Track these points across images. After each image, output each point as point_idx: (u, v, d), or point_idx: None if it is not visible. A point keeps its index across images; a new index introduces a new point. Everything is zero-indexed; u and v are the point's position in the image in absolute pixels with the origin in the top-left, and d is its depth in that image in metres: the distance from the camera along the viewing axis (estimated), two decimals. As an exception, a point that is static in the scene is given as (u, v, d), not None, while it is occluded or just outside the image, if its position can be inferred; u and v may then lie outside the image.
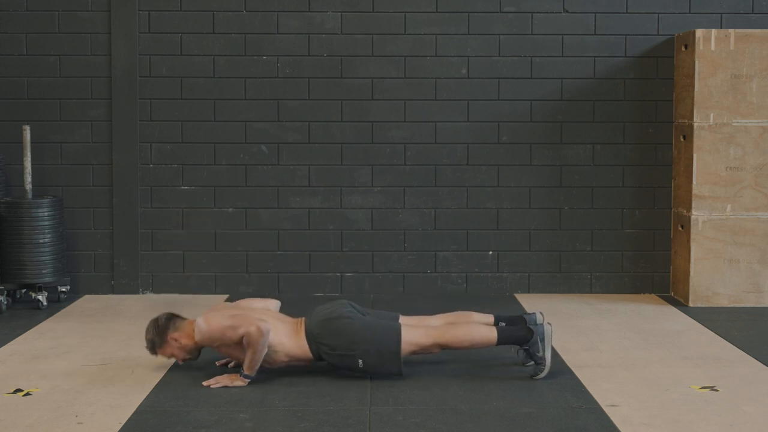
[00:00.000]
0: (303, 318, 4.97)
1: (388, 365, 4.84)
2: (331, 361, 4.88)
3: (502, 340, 4.90)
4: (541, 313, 5.09)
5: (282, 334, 4.86)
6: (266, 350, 4.74)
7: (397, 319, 5.01)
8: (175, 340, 4.87)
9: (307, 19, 7.00)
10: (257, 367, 4.76)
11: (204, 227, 7.05)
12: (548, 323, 4.94)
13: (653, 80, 7.04)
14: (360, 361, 4.81)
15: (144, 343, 4.97)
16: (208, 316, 4.85)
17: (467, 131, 7.05)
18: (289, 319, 5.00)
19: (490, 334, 4.89)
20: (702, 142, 6.62)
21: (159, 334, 4.88)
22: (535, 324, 4.93)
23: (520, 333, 4.90)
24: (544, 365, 4.86)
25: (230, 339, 4.75)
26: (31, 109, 7.00)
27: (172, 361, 5.20)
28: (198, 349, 4.93)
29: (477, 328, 4.92)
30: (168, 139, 7.03)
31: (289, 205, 7.07)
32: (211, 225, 7.05)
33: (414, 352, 4.90)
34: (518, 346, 4.96)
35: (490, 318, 5.12)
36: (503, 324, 5.06)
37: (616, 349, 5.52)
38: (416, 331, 4.89)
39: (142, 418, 4.31)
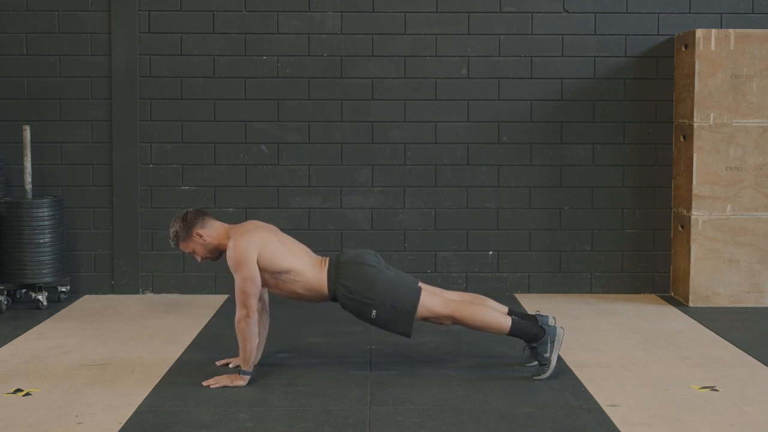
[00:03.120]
0: (327, 258, 5.00)
1: (400, 323, 4.85)
2: (345, 304, 4.89)
3: (514, 331, 4.90)
4: (553, 318, 5.08)
5: (306, 264, 4.90)
6: (256, 340, 4.74)
7: (418, 283, 5.01)
8: (200, 236, 4.87)
9: (307, 19, 7.00)
10: (251, 360, 4.75)
11: (204, 227, 7.05)
12: (561, 327, 4.95)
13: (653, 80, 7.04)
14: (374, 312, 4.82)
15: (169, 235, 4.91)
16: (239, 244, 4.77)
17: (467, 131, 7.06)
18: (314, 255, 5.03)
19: (505, 321, 4.90)
20: (702, 142, 6.63)
21: (186, 227, 4.87)
22: (548, 325, 4.93)
23: (533, 329, 4.90)
24: (548, 367, 4.86)
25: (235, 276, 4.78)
26: (31, 109, 7.00)
27: (173, 361, 5.21)
28: (220, 252, 4.92)
29: (493, 312, 4.94)
30: (168, 139, 7.03)
31: (289, 205, 7.07)
32: (211, 225, 7.05)
33: (427, 318, 4.91)
34: (525, 344, 4.97)
35: (505, 309, 5.12)
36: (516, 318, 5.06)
37: (616, 349, 5.52)
38: (435, 298, 4.91)
39: (142, 418, 4.31)
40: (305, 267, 4.90)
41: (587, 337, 5.82)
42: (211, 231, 4.90)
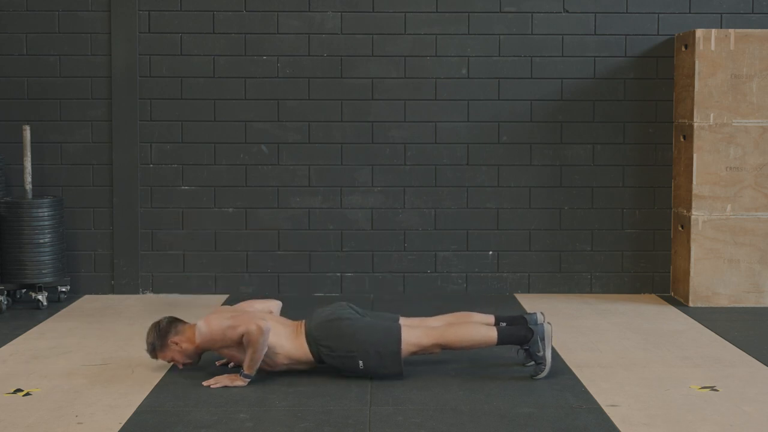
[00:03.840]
0: (303, 321, 4.97)
1: (389, 366, 4.84)
2: (331, 363, 4.88)
3: (502, 340, 4.90)
4: (541, 313, 5.09)
5: (282, 336, 4.86)
6: (266, 349, 4.74)
7: (397, 320, 5.00)
8: (176, 344, 4.88)
9: (307, 19, 7.00)
10: (257, 366, 4.76)
11: (204, 227, 7.05)
12: (548, 323, 4.95)
13: (653, 80, 7.04)
14: (360, 363, 4.82)
15: (145, 346, 4.98)
16: (209, 318, 4.86)
17: (467, 131, 7.05)
18: (289, 322, 5.01)
19: (491, 333, 4.90)
20: (702, 142, 6.62)
21: (160, 337, 4.89)
22: (536, 324, 4.94)
23: (520, 333, 4.90)
24: (545, 365, 4.87)
25: (231, 339, 4.75)
26: (31, 109, 7.00)
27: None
28: (199, 354, 4.94)
29: (477, 328, 4.93)
30: (168, 139, 7.03)
31: (289, 205, 7.07)
32: (211, 225, 7.05)
33: (414, 353, 4.90)
34: (519, 346, 4.97)
35: (491, 318, 5.12)
36: (504, 324, 5.06)
37: (616, 349, 5.52)
38: (416, 332, 4.89)
39: (142, 418, 4.31)
40: (283, 341, 4.85)
41: (587, 337, 5.82)
42: (184, 335, 4.90)
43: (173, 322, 4.95)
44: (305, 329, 4.90)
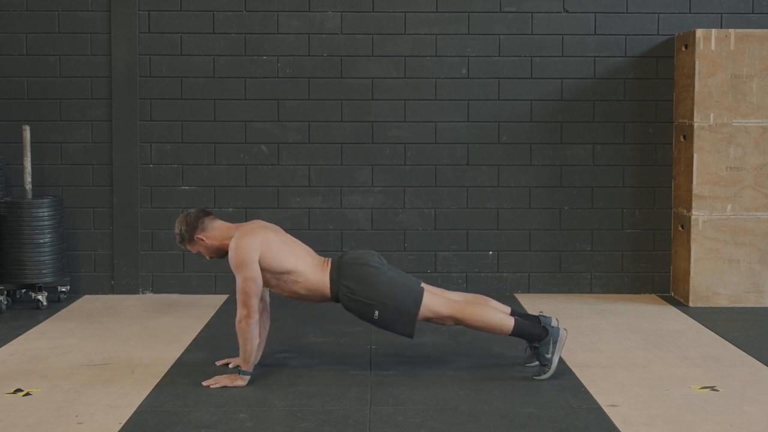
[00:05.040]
0: (330, 259, 5.00)
1: (403, 324, 4.85)
2: (347, 305, 4.89)
3: (517, 332, 4.90)
4: (556, 319, 5.06)
5: (309, 265, 4.89)
6: (256, 341, 4.74)
7: (420, 283, 5.01)
8: (202, 240, 4.88)
9: (307, 19, 7.00)
10: (251, 359, 4.75)
11: (204, 227, 7.04)
12: (564, 329, 4.94)
13: (653, 80, 7.04)
14: (376, 312, 4.82)
15: (174, 235, 4.94)
16: (240, 245, 4.76)
17: (467, 131, 7.06)
18: (317, 255, 5.03)
19: (507, 321, 4.90)
20: (702, 142, 6.63)
21: (188, 230, 4.88)
22: (551, 326, 4.93)
23: (536, 330, 4.90)
24: (549, 367, 4.86)
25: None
26: (31, 109, 7.00)
27: (173, 361, 5.21)
28: (225, 252, 4.91)
29: (495, 312, 4.94)
30: (168, 139, 7.03)
31: (289, 205, 7.07)
32: (211, 225, 7.04)
33: (429, 319, 4.91)
34: (527, 344, 4.96)
35: (507, 309, 5.11)
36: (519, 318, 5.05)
37: (616, 349, 5.52)
38: (437, 299, 4.91)
39: (142, 418, 4.31)
40: (307, 268, 4.90)
41: (587, 337, 5.82)
42: (212, 233, 4.90)
43: (201, 217, 4.91)
44: (331, 265, 4.92)
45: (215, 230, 4.91)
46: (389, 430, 4.14)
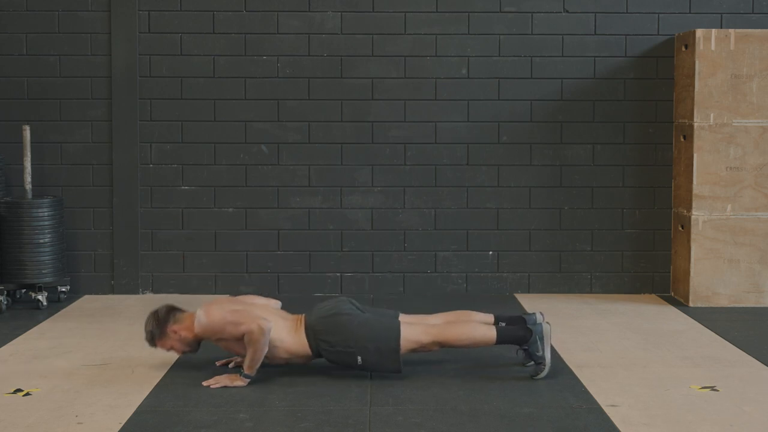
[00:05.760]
0: (303, 315, 4.97)
1: (388, 363, 4.83)
2: (329, 358, 4.88)
3: (501, 340, 4.90)
4: (540, 313, 5.09)
5: (282, 330, 4.86)
6: (267, 349, 4.74)
7: (397, 316, 5.00)
8: (175, 332, 4.87)
9: (307, 19, 7.00)
10: (257, 366, 4.75)
11: (204, 227, 7.05)
12: (547, 322, 4.94)
13: (653, 80, 7.04)
14: (359, 358, 4.81)
15: (144, 335, 4.96)
16: (209, 308, 4.84)
17: (467, 131, 7.05)
18: (289, 315, 5.01)
19: (490, 333, 4.90)
20: (702, 142, 6.63)
21: (159, 326, 4.88)
22: (534, 324, 4.93)
23: (519, 333, 4.90)
24: (544, 364, 4.86)
25: (231, 334, 4.76)
26: (31, 109, 7.00)
27: (173, 361, 5.21)
28: (198, 342, 4.93)
29: (476, 326, 4.93)
30: (168, 139, 7.03)
31: (289, 205, 7.07)
32: (211, 225, 7.05)
33: (413, 350, 4.90)
34: (518, 346, 4.97)
35: (490, 317, 5.12)
36: (503, 324, 5.06)
37: (616, 349, 5.52)
38: (416, 329, 4.89)
39: (142, 418, 4.31)
40: (283, 335, 4.85)
41: (587, 337, 5.82)
42: (183, 323, 4.90)
43: (172, 310, 4.93)
44: (305, 323, 4.90)
45: (185, 320, 4.91)
46: (389, 430, 4.14)
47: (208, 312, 4.82)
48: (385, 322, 4.89)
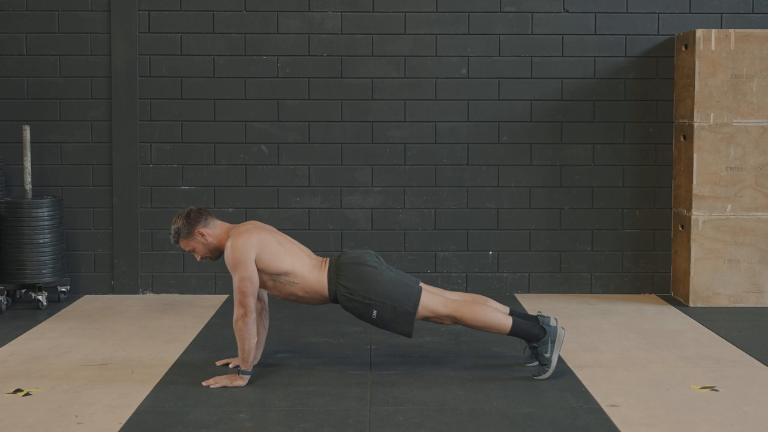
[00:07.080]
0: (327, 259, 5.00)
1: (401, 324, 4.85)
2: (345, 305, 4.89)
3: (515, 331, 4.90)
4: (555, 318, 5.06)
5: (306, 266, 4.89)
6: (254, 340, 4.73)
7: (418, 283, 5.01)
8: (202, 235, 4.87)
9: (307, 19, 7.00)
10: (250, 359, 4.75)
11: (204, 227, 7.05)
12: (562, 327, 4.95)
13: (653, 80, 7.04)
14: (375, 312, 4.82)
15: (170, 233, 4.91)
16: (239, 249, 4.75)
17: (467, 131, 7.06)
18: (314, 255, 5.03)
19: (506, 320, 4.90)
20: (702, 142, 6.62)
21: (189, 224, 4.86)
22: (549, 325, 4.93)
23: (534, 330, 4.90)
24: (549, 367, 4.86)
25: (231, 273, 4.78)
26: (31, 109, 7.00)
27: (173, 361, 5.21)
28: (220, 252, 4.92)
29: (493, 312, 4.94)
30: (168, 139, 7.03)
31: (289, 205, 7.07)
32: (211, 225, 7.05)
33: (427, 318, 4.91)
34: (526, 344, 4.97)
35: (506, 309, 5.11)
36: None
37: (616, 349, 5.52)
38: (435, 298, 4.91)
39: (142, 418, 4.31)
40: (305, 269, 4.90)
41: (587, 337, 5.82)
42: (213, 230, 4.90)
43: (204, 212, 4.91)
44: (329, 266, 4.92)
45: (216, 228, 4.91)
46: (389, 430, 4.14)
47: (234, 249, 4.74)
48: (408, 284, 4.91)
